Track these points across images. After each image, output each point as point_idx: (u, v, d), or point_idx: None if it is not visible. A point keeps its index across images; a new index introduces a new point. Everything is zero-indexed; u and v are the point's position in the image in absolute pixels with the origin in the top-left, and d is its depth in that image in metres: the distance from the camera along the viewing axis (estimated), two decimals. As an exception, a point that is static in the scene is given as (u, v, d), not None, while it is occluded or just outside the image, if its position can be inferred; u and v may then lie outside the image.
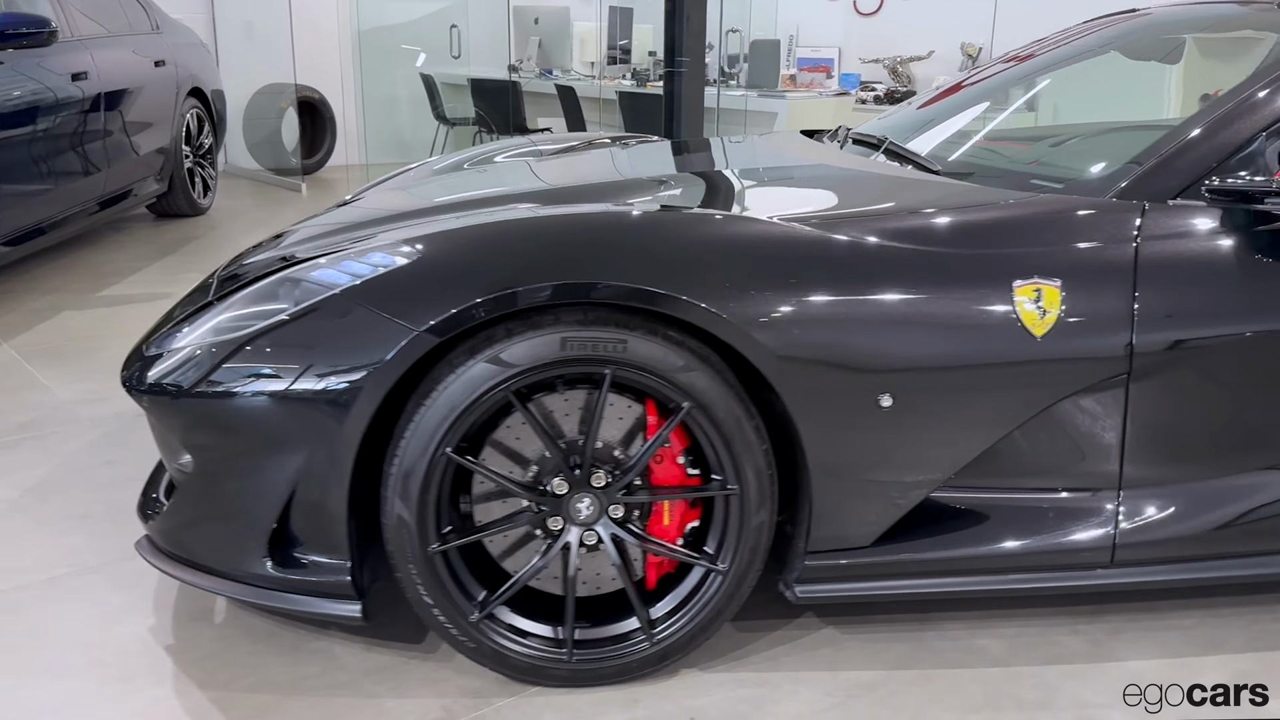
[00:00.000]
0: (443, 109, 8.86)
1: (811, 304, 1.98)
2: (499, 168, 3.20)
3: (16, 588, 2.48)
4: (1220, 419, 2.15)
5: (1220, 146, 2.16)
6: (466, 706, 2.08)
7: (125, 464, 3.17)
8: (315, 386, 1.96)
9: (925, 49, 8.30)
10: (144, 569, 2.51)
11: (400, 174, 3.37)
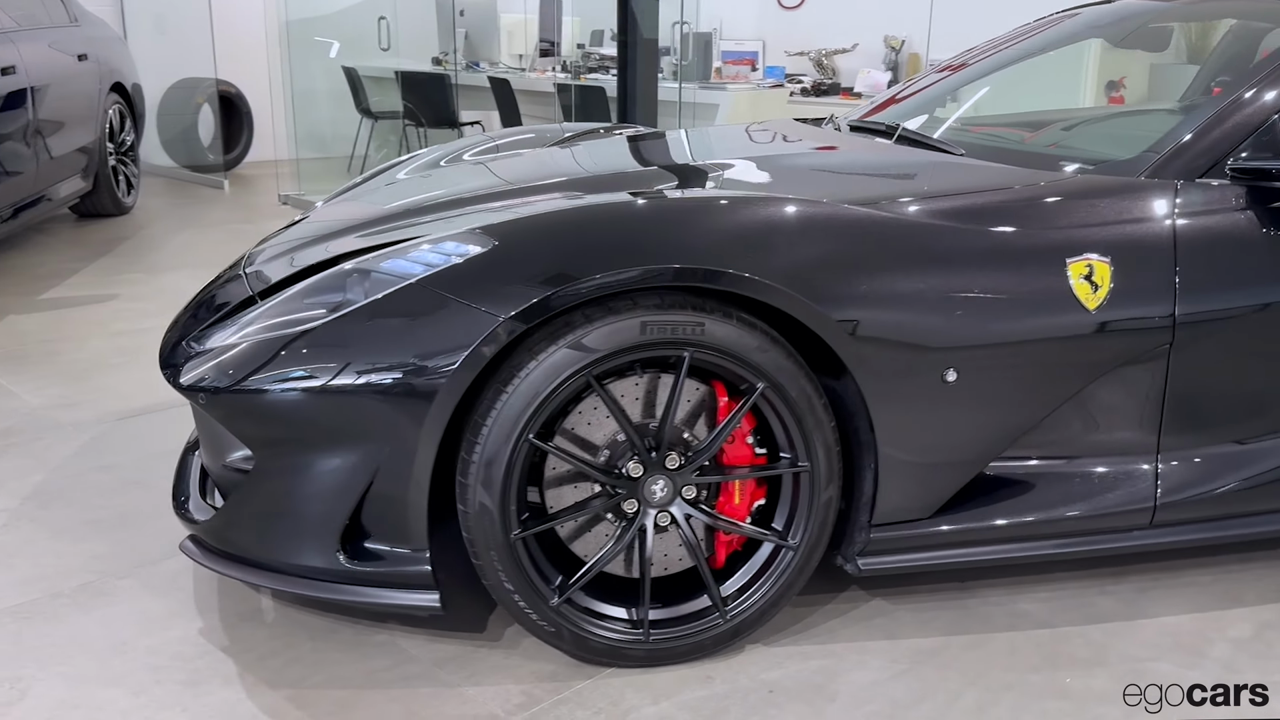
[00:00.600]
0: (367, 103, 8.72)
1: (880, 284, 2.05)
2: (520, 157, 3.18)
3: (49, 596, 2.41)
4: (1248, 384, 2.29)
5: (1239, 128, 2.29)
6: (547, 690, 2.09)
7: (121, 468, 3.09)
8: (396, 377, 1.95)
9: (848, 42, 8.47)
10: (177, 572, 2.48)
11: (380, 172, 3.31)
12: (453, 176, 2.94)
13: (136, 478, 3.03)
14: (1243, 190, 2.25)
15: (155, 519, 2.77)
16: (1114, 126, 2.85)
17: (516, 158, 3.15)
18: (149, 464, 3.10)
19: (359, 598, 2.11)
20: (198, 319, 2.41)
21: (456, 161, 3.17)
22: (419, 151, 3.49)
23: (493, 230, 2.08)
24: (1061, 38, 3.57)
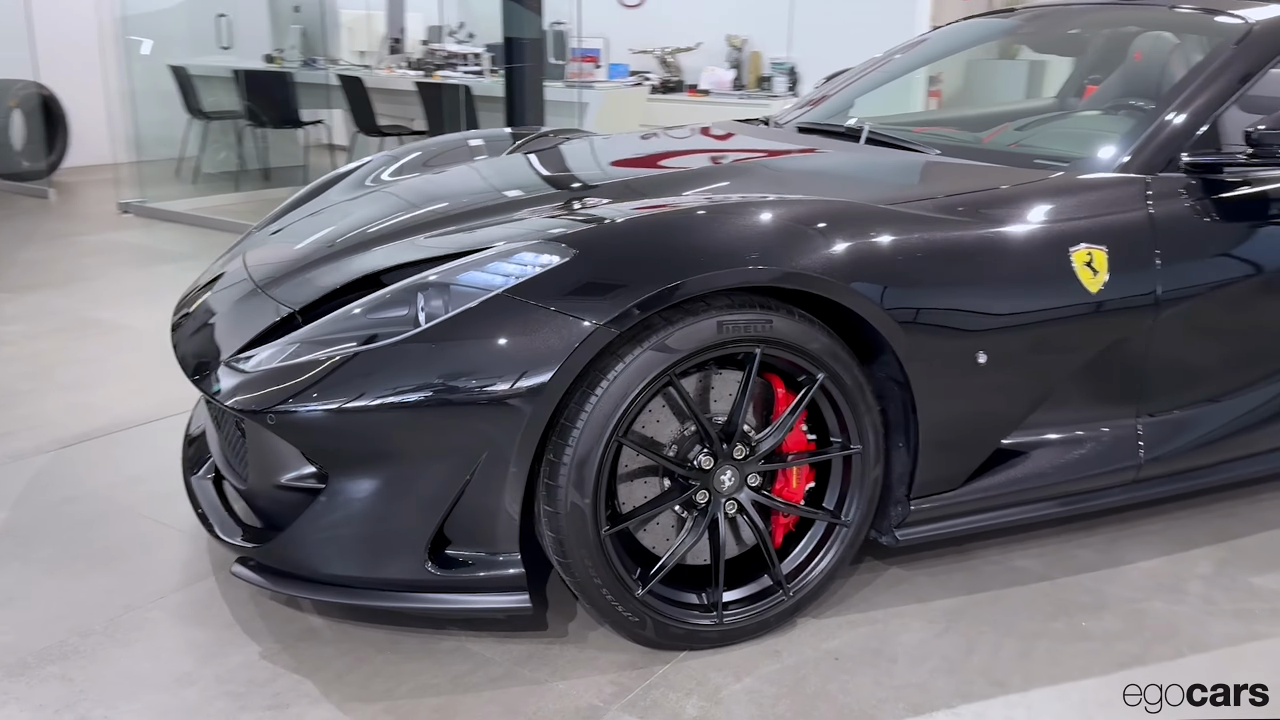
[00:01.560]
0: (199, 103, 8.36)
1: (924, 278, 2.24)
2: (514, 164, 3.19)
3: (80, 634, 2.31)
4: (1213, 351, 2.60)
5: (1187, 129, 2.60)
6: (633, 678, 2.19)
7: (87, 499, 2.96)
8: (491, 387, 1.99)
9: (687, 40, 8.72)
10: (203, 599, 2.46)
11: (325, 185, 3.28)
12: (446, 185, 2.96)
13: (104, 508, 2.91)
14: (1195, 182, 2.55)
15: (152, 548, 2.69)
16: (1062, 127, 3.14)
17: (514, 165, 3.18)
18: (111, 493, 2.99)
19: (448, 604, 2.15)
20: (221, 338, 2.37)
21: (428, 170, 3.18)
22: (368, 160, 3.47)
23: (570, 239, 2.15)
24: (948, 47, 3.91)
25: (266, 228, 3.10)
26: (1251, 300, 2.59)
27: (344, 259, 2.49)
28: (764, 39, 8.51)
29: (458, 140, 3.62)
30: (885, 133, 3.03)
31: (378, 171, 3.24)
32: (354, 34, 8.41)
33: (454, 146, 3.45)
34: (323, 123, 8.54)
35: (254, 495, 2.34)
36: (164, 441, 3.36)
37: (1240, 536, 2.82)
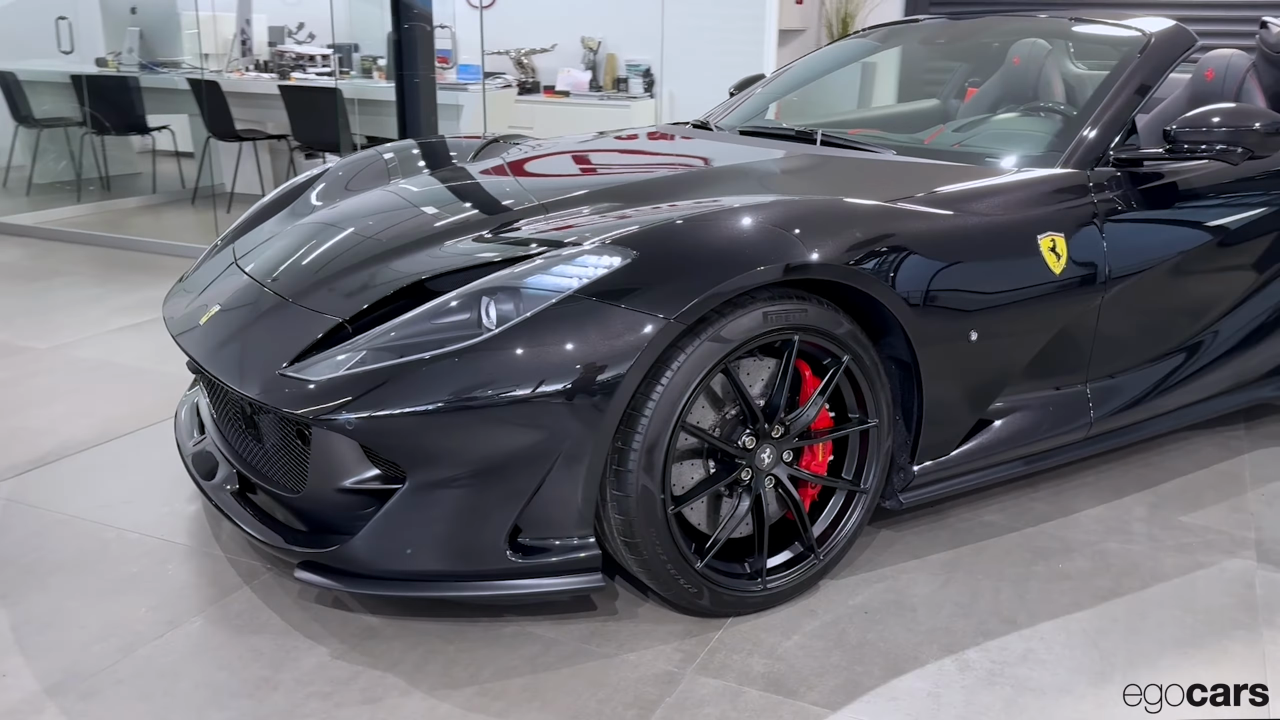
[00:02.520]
0: (29, 110, 7.93)
1: (928, 266, 2.50)
2: (512, 166, 3.30)
3: (132, 653, 2.31)
4: (1144, 322, 2.98)
5: (1112, 127, 2.97)
6: (694, 645, 2.37)
7: (79, 523, 2.91)
8: (570, 382, 2.14)
9: (539, 42, 8.84)
10: (249, 606, 2.52)
11: (291, 193, 3.33)
12: (449, 192, 3.05)
13: (103, 531, 2.87)
14: (1121, 174, 2.92)
15: (170, 565, 2.69)
16: (995, 129, 3.45)
17: (506, 173, 3.28)
18: (102, 515, 2.95)
19: (528, 589, 2.28)
20: (263, 349, 2.41)
21: (418, 176, 3.26)
22: (324, 169, 3.50)
23: (628, 240, 2.30)
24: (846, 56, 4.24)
25: (241, 239, 3.11)
26: (1172, 276, 2.98)
27: (375, 266, 2.56)
28: (619, 41, 8.73)
29: (405, 147, 3.69)
30: (837, 136, 3.30)
31: (350, 179, 3.29)
32: (197, 35, 8.12)
33: (408, 154, 3.53)
34: (168, 128, 8.24)
35: (307, 502, 2.39)
36: (130, 461, 3.32)
37: (1160, 483, 3.23)
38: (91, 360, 4.28)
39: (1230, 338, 3.19)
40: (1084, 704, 2.19)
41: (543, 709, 2.15)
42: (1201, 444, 3.52)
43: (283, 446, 2.43)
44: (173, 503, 3.02)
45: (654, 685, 2.22)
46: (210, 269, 3.00)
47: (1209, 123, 2.85)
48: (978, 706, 2.17)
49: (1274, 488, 3.22)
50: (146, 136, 8.20)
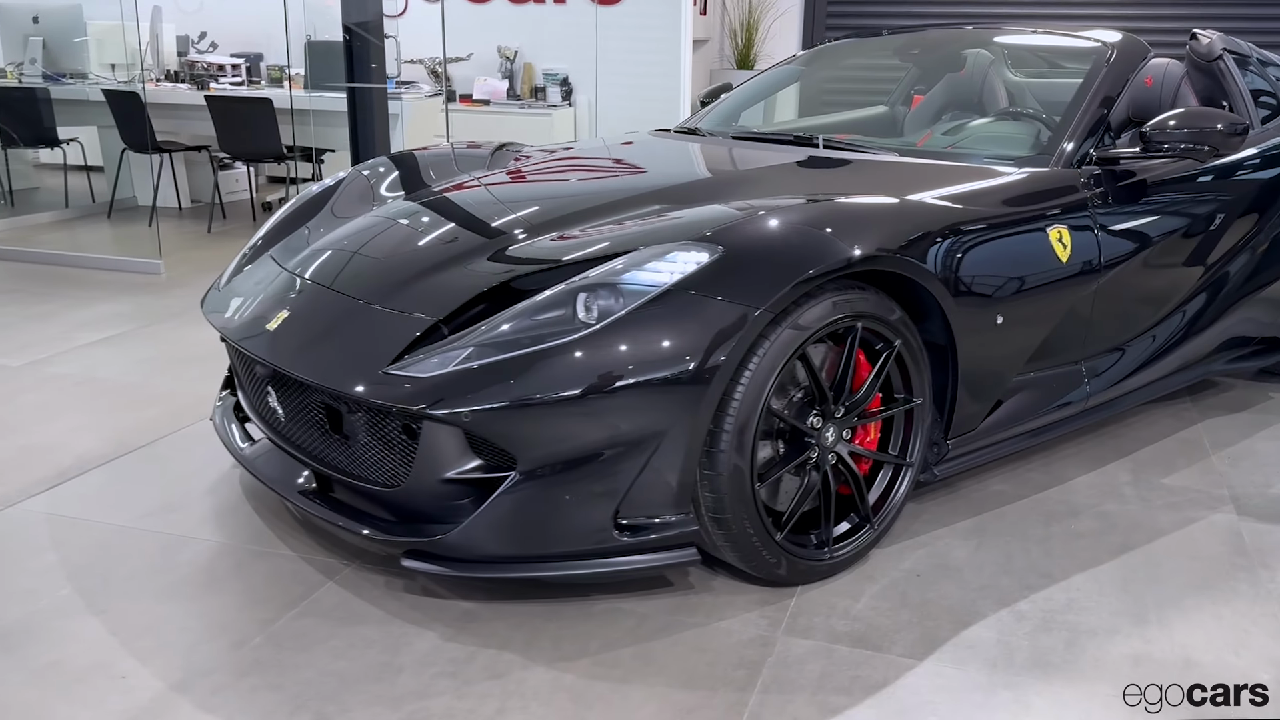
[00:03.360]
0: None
1: (966, 257, 2.75)
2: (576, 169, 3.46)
3: (243, 649, 2.38)
4: (1128, 304, 3.30)
5: (1091, 129, 3.29)
6: (776, 611, 2.56)
7: (133, 533, 2.93)
8: (674, 369, 2.30)
9: (451, 50, 8.89)
10: (343, 600, 2.62)
11: (310, 203, 3.42)
12: (505, 192, 3.19)
13: (160, 539, 2.90)
14: (1101, 171, 3.24)
15: (244, 567, 2.75)
16: (982, 132, 3.71)
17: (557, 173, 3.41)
18: (158, 520, 2.97)
19: (631, 565, 2.43)
20: (355, 350, 2.50)
21: (465, 178, 3.41)
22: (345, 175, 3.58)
23: (715, 237, 2.47)
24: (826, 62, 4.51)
25: (278, 247, 3.18)
26: (1148, 262, 3.31)
27: (453, 268, 2.68)
28: (537, 51, 8.86)
29: (444, 153, 3.81)
30: (838, 140, 3.54)
31: (379, 186, 3.38)
32: (103, 46, 7.93)
33: (444, 160, 3.65)
34: (77, 140, 8.02)
35: (406, 494, 2.49)
36: (155, 472, 3.34)
37: (1135, 450, 3.57)
38: (73, 376, 4.22)
39: (1192, 318, 3.54)
40: (1132, 641, 2.46)
41: (658, 674, 2.31)
42: (1158, 416, 3.88)
43: (377, 443, 2.52)
44: (218, 508, 3.06)
45: (752, 648, 2.40)
46: (256, 275, 3.05)
47: (1178, 124, 3.18)
48: (1043, 649, 2.42)
49: (1232, 451, 3.59)
50: (55, 150, 7.96)
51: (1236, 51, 4.00)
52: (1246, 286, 3.68)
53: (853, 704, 2.22)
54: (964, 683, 2.29)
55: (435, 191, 3.33)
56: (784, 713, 2.18)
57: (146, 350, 4.58)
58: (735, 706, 2.20)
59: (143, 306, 5.33)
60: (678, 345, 2.32)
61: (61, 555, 2.79)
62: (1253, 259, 3.67)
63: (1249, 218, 3.63)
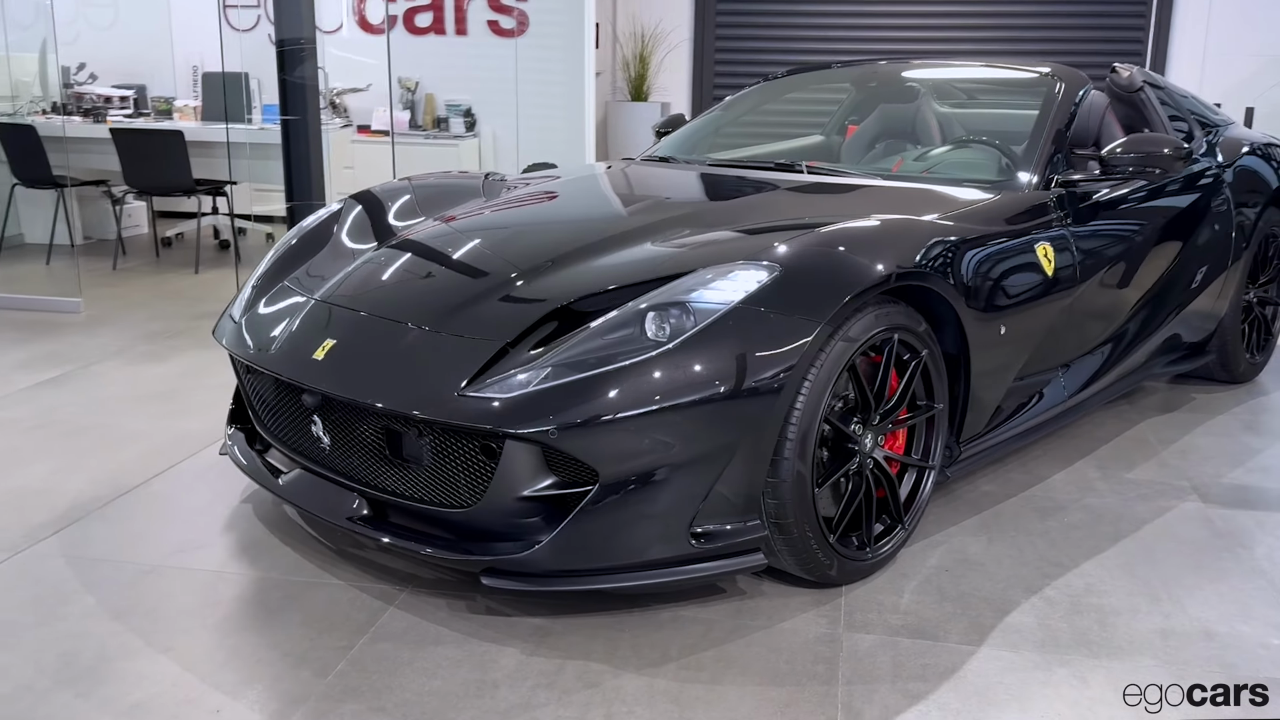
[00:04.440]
0: None
1: (978, 273, 2.97)
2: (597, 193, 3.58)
3: (329, 677, 2.39)
4: (1095, 313, 3.59)
5: (1053, 151, 3.58)
6: (830, 610, 2.70)
7: (171, 572, 2.87)
8: (747, 381, 2.44)
9: (363, 82, 8.85)
10: (412, 625, 2.65)
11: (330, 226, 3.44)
12: (542, 217, 3.28)
13: (198, 566, 2.86)
14: (1067, 193, 3.53)
15: (299, 599, 2.74)
16: (952, 159, 3.93)
17: (591, 195, 3.55)
18: (189, 557, 2.93)
19: (704, 573, 2.54)
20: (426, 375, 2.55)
21: (489, 206, 3.47)
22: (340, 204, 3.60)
23: (773, 257, 2.61)
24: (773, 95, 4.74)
25: (296, 277, 3.18)
26: (1112, 273, 3.61)
27: (508, 290, 2.75)
28: (439, 83, 8.88)
29: (469, 180, 3.87)
30: (824, 166, 3.74)
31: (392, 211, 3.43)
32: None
33: (460, 186, 3.73)
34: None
35: (481, 514, 2.54)
36: (163, 509, 3.31)
37: (1095, 450, 3.86)
38: (29, 419, 4.06)
39: (1143, 324, 3.87)
40: (1154, 617, 2.70)
41: (743, 673, 2.42)
42: (1105, 419, 4.20)
43: (448, 465, 2.56)
44: (243, 542, 3.02)
45: (822, 645, 2.54)
46: (279, 306, 3.04)
47: (1130, 150, 3.50)
48: (1079, 629, 2.63)
49: (1178, 446, 3.92)
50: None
51: (1154, 83, 4.39)
52: (1183, 296, 4.03)
53: (932, 689, 2.37)
54: (1022, 663, 2.48)
55: (459, 218, 3.38)
56: (873, 701, 2.32)
57: (98, 390, 4.44)
58: (826, 698, 2.33)
59: (75, 346, 5.14)
60: (749, 358, 2.45)
61: (99, 597, 2.72)
62: (1186, 271, 4.02)
63: (1183, 234, 3.99)
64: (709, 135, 4.58)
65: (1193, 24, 9.38)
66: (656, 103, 9.89)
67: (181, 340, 5.29)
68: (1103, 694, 2.36)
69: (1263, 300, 4.71)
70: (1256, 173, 4.49)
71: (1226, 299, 4.35)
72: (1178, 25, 9.44)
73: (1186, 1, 9.37)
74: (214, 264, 7.41)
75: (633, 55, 9.99)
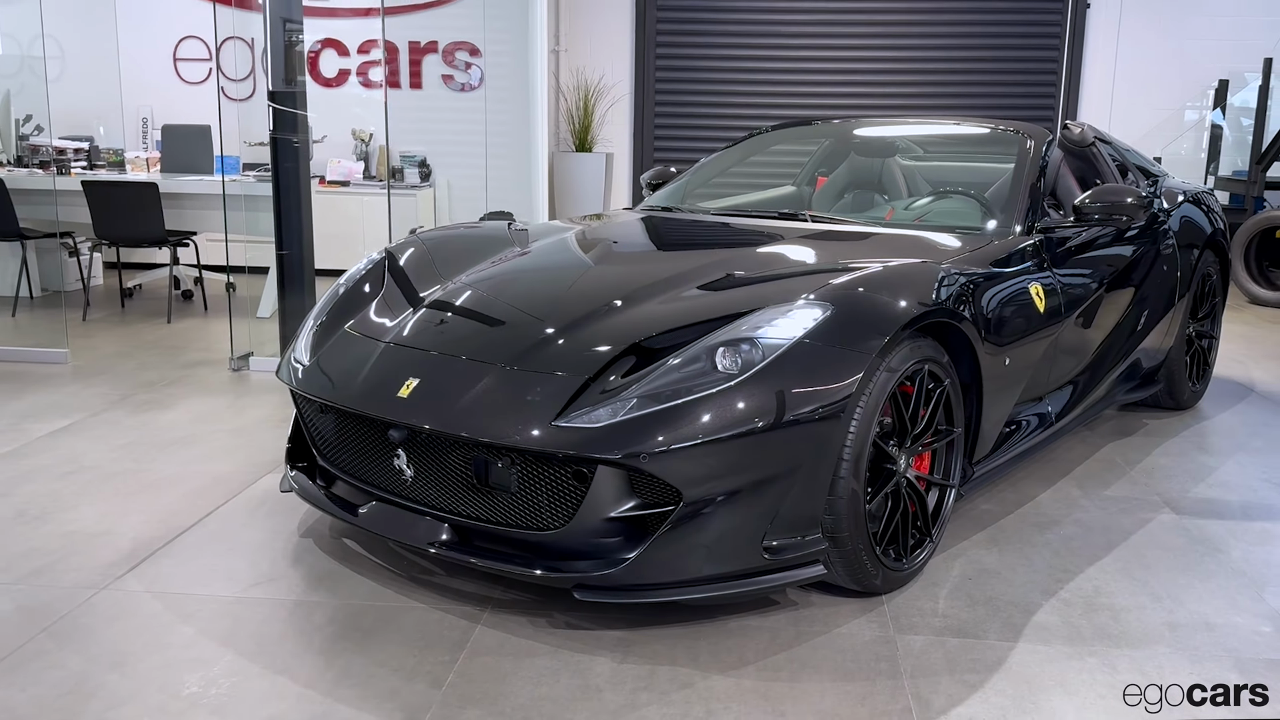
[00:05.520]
0: None
1: (989, 309, 3.32)
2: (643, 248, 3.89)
3: (441, 688, 2.59)
4: (1074, 345, 3.97)
5: (1038, 201, 3.98)
6: (877, 615, 2.98)
7: (246, 622, 3.04)
8: (812, 408, 2.73)
9: (319, 134, 9.01)
10: (502, 640, 2.86)
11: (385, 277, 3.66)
12: (585, 263, 3.57)
13: (281, 596, 3.02)
14: (1045, 238, 3.92)
15: (391, 621, 2.93)
16: (939, 208, 4.29)
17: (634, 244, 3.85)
18: (271, 589, 3.08)
19: (772, 583, 2.81)
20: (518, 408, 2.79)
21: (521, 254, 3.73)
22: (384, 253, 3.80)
23: (824, 297, 2.92)
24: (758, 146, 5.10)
25: (361, 319, 3.38)
26: (1086, 311, 4.01)
27: (577, 330, 3.00)
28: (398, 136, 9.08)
29: (496, 228, 4.11)
30: (825, 215, 4.09)
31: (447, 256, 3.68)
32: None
33: (491, 233, 3.98)
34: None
35: (567, 535, 2.77)
36: (225, 546, 3.43)
37: (1071, 470, 4.25)
38: (57, 466, 4.15)
39: (1109, 358, 4.28)
40: (1159, 612, 3.04)
41: (816, 672, 2.69)
42: (1073, 444, 4.59)
43: (534, 491, 2.79)
44: (316, 573, 3.19)
45: (879, 646, 2.82)
46: (349, 350, 3.24)
47: (1098, 199, 3.92)
48: (1098, 624, 2.96)
49: (1143, 466, 4.33)
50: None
51: (1102, 138, 4.85)
52: (1140, 330, 4.46)
53: (985, 679, 2.67)
54: (1056, 655, 2.79)
55: (510, 264, 3.64)
56: (938, 691, 2.61)
57: (117, 437, 4.53)
58: (896, 690, 2.61)
59: (74, 395, 5.21)
60: (811, 388, 2.74)
61: (198, 627, 2.87)
62: (1142, 308, 4.46)
63: (1139, 275, 4.42)
64: (700, 186, 4.90)
65: (1100, 80, 10.10)
66: (601, 153, 10.23)
67: (180, 388, 5.38)
68: (1131, 678, 2.67)
69: (1200, 334, 5.19)
70: (1194, 220, 4.97)
71: (1173, 333, 4.80)
72: (1086, 82, 10.15)
73: (1093, 60, 10.09)
74: (181, 314, 7.46)
75: (577, 108, 10.32)
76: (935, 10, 10.18)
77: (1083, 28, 10.11)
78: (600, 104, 10.41)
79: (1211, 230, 5.09)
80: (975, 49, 10.21)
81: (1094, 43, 10.10)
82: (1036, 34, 10.17)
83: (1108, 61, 10.10)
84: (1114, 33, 10.06)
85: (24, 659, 2.69)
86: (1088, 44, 10.10)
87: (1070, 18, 10.12)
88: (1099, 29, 10.08)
